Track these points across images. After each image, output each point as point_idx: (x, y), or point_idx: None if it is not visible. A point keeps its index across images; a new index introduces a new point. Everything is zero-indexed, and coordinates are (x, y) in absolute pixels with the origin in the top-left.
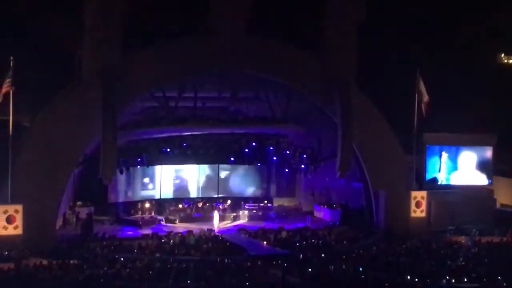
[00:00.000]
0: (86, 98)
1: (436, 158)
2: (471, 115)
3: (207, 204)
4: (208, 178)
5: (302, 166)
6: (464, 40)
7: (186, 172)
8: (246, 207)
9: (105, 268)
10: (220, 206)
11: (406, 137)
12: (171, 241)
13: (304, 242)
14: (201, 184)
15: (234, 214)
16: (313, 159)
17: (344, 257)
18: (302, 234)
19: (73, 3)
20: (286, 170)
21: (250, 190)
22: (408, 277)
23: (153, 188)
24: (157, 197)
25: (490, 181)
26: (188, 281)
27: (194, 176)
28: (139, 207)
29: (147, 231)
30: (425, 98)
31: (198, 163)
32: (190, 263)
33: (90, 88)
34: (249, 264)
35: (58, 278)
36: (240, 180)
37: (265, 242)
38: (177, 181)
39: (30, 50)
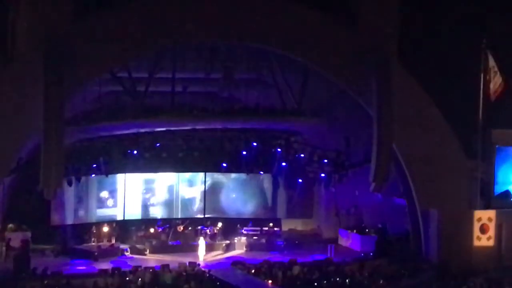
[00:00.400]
0: (21, 80)
1: (510, 164)
2: None
3: (190, 228)
4: (191, 191)
5: (322, 174)
6: None
7: (160, 184)
8: (244, 232)
9: None
10: (208, 231)
11: (468, 135)
12: (139, 279)
13: (325, 281)
14: (181, 201)
15: (227, 241)
16: (337, 165)
17: None
18: (323, 270)
19: None
20: (300, 180)
21: (250, 209)
22: None
23: (114, 206)
24: (120, 218)
25: None
26: None
27: (171, 189)
28: (94, 232)
29: (105, 265)
30: (498, 79)
31: (176, 171)
32: None
33: (27, 66)
34: None
35: None
36: (236, 195)
37: (270, 281)
38: (148, 196)
39: None
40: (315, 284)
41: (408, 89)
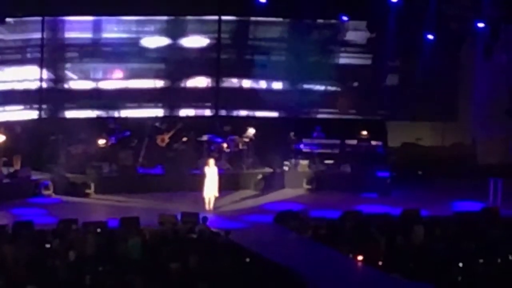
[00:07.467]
0: None
1: None
2: None
3: (184, 139)
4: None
5: (480, 24)
6: None
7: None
8: (305, 148)
9: None
10: (225, 146)
11: None
12: (69, 250)
13: (482, 260)
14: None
15: (267, 170)
16: None
17: None
18: (476, 234)
19: None
20: (430, 37)
21: (317, 100)
22: None
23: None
24: (32, 116)
25: None
26: None
27: (141, 51)
28: None
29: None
30: None
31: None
32: None
33: None
34: None
35: None
36: (287, 66)
37: (359, 257)
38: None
39: None
40: (461, 266)
41: None
